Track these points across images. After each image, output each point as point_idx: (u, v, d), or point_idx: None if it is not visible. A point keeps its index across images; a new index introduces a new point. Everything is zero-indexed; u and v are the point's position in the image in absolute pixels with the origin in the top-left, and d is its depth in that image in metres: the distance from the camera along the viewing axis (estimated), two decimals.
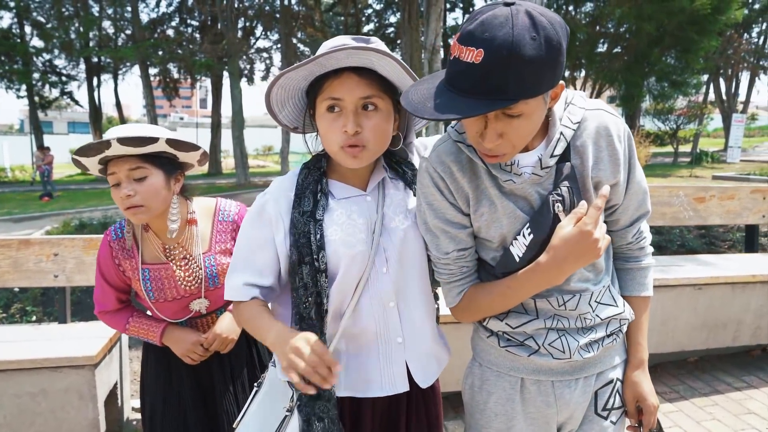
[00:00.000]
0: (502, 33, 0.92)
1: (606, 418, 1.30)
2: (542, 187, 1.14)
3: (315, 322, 1.21)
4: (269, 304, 1.33)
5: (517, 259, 1.16)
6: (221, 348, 1.70)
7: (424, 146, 1.38)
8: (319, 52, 1.16)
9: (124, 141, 1.47)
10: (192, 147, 1.62)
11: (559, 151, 1.12)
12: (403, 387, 1.30)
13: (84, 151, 1.52)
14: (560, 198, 1.11)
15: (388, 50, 1.16)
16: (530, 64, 0.92)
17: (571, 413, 1.28)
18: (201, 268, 1.66)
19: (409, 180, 1.33)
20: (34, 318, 4.32)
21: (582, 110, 1.14)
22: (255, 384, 1.40)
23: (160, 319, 1.72)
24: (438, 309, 1.44)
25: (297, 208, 1.23)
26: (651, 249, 1.31)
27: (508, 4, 0.95)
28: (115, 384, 2.64)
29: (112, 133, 1.51)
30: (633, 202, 1.23)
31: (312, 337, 1.12)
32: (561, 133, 1.12)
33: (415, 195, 1.29)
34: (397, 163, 1.35)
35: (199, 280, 1.66)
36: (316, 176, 1.27)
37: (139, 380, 1.87)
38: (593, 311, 1.22)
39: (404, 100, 1.04)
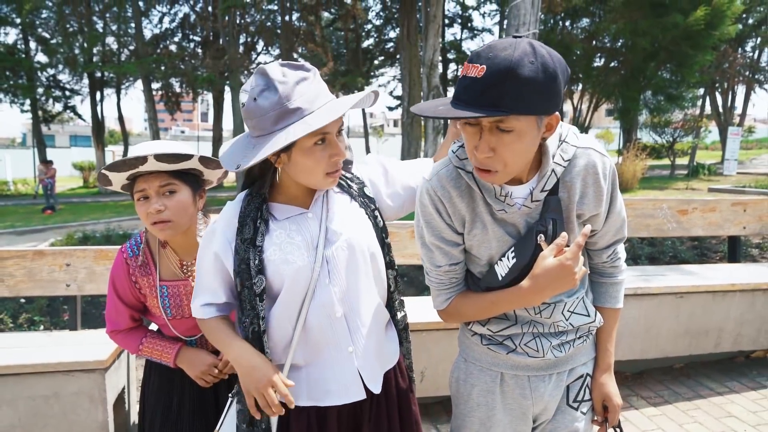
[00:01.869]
0: (504, 54, 1.05)
1: (577, 409, 1.44)
2: (530, 216, 1.27)
3: (253, 343, 1.31)
4: (233, 314, 1.46)
5: (500, 278, 1.30)
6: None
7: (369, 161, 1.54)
8: (316, 108, 1.24)
9: (160, 157, 1.50)
10: (219, 165, 1.65)
11: (549, 186, 1.24)
12: (358, 395, 1.36)
13: (116, 166, 1.52)
14: (544, 229, 1.24)
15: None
16: (525, 83, 1.04)
17: (545, 405, 1.42)
18: None
19: (354, 194, 1.44)
20: (41, 327, 4.45)
21: (574, 148, 1.25)
22: (230, 395, 1.45)
23: (174, 340, 1.72)
24: (405, 316, 1.52)
25: (239, 235, 1.31)
26: (625, 266, 1.45)
27: (516, 37, 1.11)
28: (123, 388, 2.76)
29: (144, 149, 1.53)
30: (611, 229, 1.36)
31: (273, 372, 1.27)
32: (552, 170, 1.23)
33: (360, 206, 1.43)
34: (341, 178, 1.44)
35: None
36: (258, 203, 1.33)
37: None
38: (566, 320, 1.36)
39: (415, 109, 1.20)
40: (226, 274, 1.35)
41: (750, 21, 21.41)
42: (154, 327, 1.87)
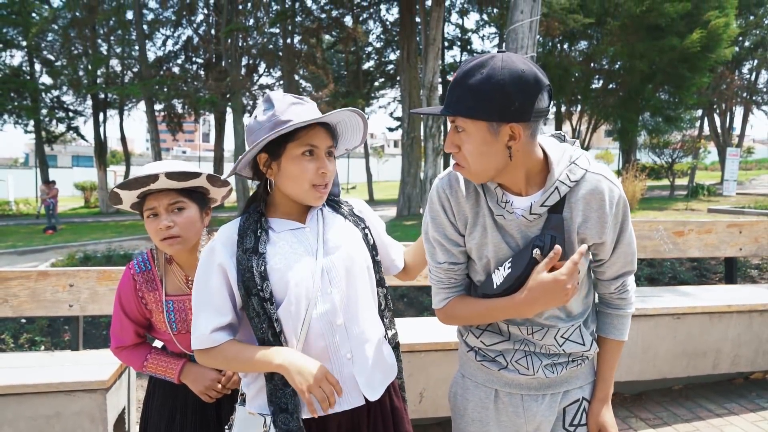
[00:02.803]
0: (467, 66, 1.19)
1: None
2: (530, 230, 1.31)
3: (274, 343, 1.34)
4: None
5: (495, 287, 1.34)
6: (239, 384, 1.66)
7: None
8: (299, 113, 1.37)
9: (171, 175, 1.58)
10: (224, 183, 1.75)
11: (550, 202, 1.27)
12: (358, 401, 1.41)
13: (128, 184, 1.60)
14: (541, 245, 1.26)
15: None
16: (468, 89, 1.17)
17: (537, 425, 1.44)
18: None
19: (345, 214, 1.55)
20: (42, 348, 4.45)
21: (583, 171, 1.29)
22: (226, 427, 1.49)
23: (178, 356, 1.76)
24: (396, 334, 1.59)
25: (240, 247, 1.36)
26: (633, 299, 1.47)
27: (500, 52, 1.21)
28: (123, 409, 2.77)
29: (155, 168, 1.61)
30: (620, 260, 1.38)
31: (321, 366, 1.31)
32: (556, 188, 1.26)
33: (355, 225, 1.53)
34: (333, 201, 1.57)
35: None
36: (256, 217, 1.42)
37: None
38: (559, 346, 1.38)
39: (413, 110, 1.35)
40: (230, 288, 1.38)
41: (746, 43, 21.70)
42: (158, 344, 1.90)
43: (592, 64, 18.37)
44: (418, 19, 16.53)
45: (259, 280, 1.33)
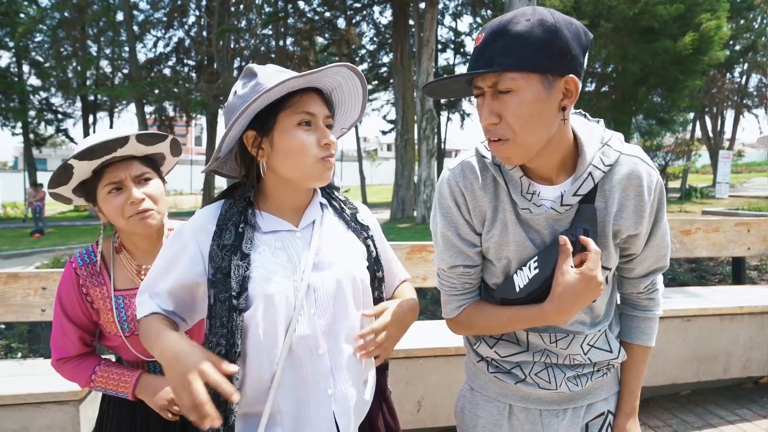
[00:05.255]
0: (502, 18, 1.01)
1: None
2: (559, 224, 1.13)
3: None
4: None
5: (518, 289, 1.15)
6: None
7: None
8: (284, 76, 1.12)
9: (141, 138, 1.39)
10: (180, 152, 1.59)
11: (584, 191, 1.10)
12: None
13: (92, 152, 1.36)
14: (573, 240, 1.09)
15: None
16: (516, 37, 0.98)
17: None
18: None
19: (348, 219, 1.30)
20: (19, 355, 4.25)
21: (617, 153, 1.12)
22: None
23: (133, 367, 1.49)
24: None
25: (216, 240, 1.13)
26: (662, 300, 1.29)
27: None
28: None
29: (120, 132, 1.41)
30: (652, 254, 1.21)
31: (202, 357, 0.99)
32: (589, 173, 1.10)
33: (356, 235, 1.29)
34: (336, 199, 1.32)
35: None
36: (241, 206, 1.18)
37: None
38: (584, 354, 1.21)
39: (425, 88, 1.11)
40: (180, 282, 1.15)
41: (737, 47, 21.82)
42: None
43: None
44: (411, 22, 16.46)
45: (235, 287, 1.09)
